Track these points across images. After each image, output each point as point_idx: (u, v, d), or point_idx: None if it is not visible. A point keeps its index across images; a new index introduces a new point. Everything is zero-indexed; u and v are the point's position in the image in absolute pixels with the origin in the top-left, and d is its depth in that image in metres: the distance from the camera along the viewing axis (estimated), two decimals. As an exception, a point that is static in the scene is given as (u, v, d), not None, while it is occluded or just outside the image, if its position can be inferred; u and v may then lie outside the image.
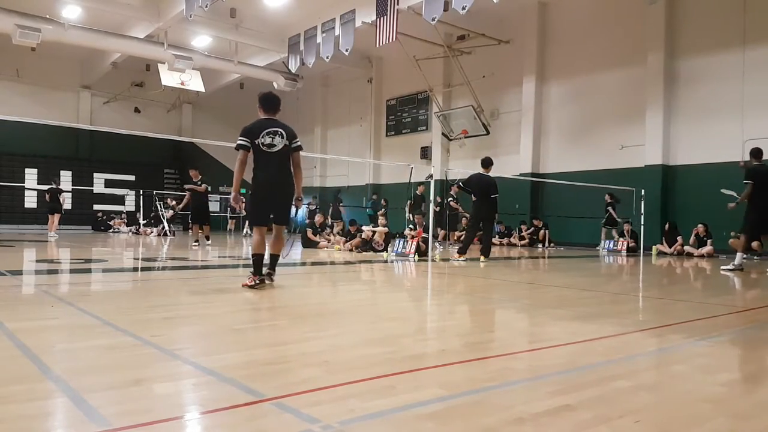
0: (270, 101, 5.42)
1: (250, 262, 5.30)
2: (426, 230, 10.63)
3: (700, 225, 12.95)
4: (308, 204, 22.82)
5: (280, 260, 5.59)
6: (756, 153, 9.17)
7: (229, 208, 25.94)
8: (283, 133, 5.24)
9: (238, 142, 5.20)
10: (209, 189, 12.72)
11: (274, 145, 5.18)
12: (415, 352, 2.83)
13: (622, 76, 15.47)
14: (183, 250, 11.49)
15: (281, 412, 1.85)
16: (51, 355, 2.54)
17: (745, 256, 9.14)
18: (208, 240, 12.68)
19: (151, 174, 24.97)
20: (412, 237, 10.63)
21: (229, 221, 24.96)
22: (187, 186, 13.03)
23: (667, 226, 13.70)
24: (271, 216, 5.35)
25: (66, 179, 22.26)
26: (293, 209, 5.54)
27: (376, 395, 2.05)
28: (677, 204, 14.41)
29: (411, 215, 15.06)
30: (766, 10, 12.92)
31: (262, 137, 5.17)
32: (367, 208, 18.79)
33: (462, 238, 11.70)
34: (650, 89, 14.58)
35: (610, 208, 14.78)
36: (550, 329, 3.59)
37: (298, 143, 5.36)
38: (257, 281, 5.07)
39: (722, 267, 9.10)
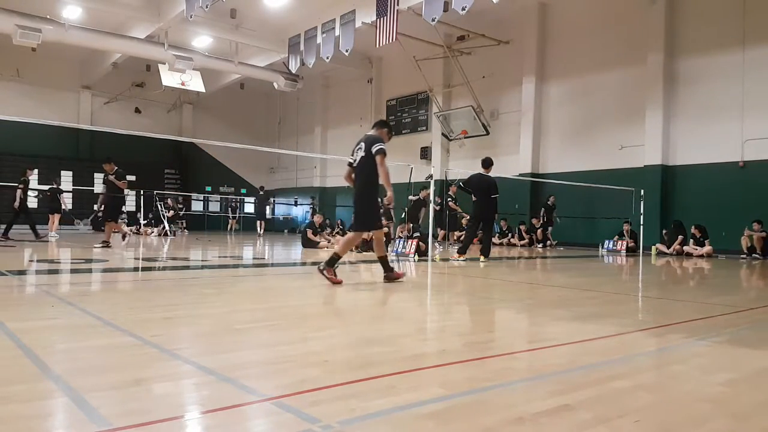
0: (377, 122, 6.15)
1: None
2: (425, 231, 10.64)
3: (693, 227, 12.98)
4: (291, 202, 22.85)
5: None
6: None
7: (229, 209, 25.99)
8: (363, 145, 5.72)
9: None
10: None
11: (356, 159, 5.76)
12: (415, 352, 2.83)
13: (621, 76, 15.48)
14: (183, 250, 11.49)
15: (281, 412, 1.85)
16: (51, 355, 2.54)
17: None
18: (105, 243, 10.75)
19: (152, 174, 24.97)
20: (412, 238, 10.64)
21: (230, 221, 24.99)
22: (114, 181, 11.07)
23: (672, 224, 13.71)
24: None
25: (66, 179, 22.27)
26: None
27: (376, 395, 2.05)
28: (676, 204, 14.42)
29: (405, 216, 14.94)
30: (766, 10, 12.93)
31: (352, 154, 5.84)
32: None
33: (462, 238, 11.70)
34: (650, 89, 14.59)
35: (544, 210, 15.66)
36: (550, 329, 3.59)
37: (377, 147, 5.67)
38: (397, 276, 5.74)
39: None
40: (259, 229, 20.03)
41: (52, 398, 1.97)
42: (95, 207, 19.13)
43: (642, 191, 13.39)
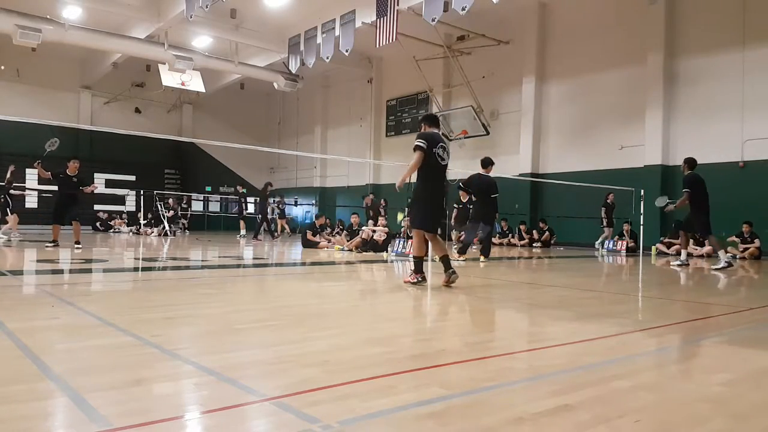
0: (435, 119, 5.96)
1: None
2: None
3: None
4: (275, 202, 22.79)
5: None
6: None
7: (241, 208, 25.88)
8: (449, 150, 5.71)
9: (419, 143, 5.48)
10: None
11: (444, 159, 5.61)
12: (415, 352, 2.83)
13: (622, 76, 15.47)
14: (184, 250, 11.49)
15: (281, 412, 1.85)
16: (51, 355, 2.54)
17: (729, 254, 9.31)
18: (78, 244, 10.12)
19: (152, 174, 24.98)
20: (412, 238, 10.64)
21: (241, 222, 24.90)
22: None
23: (673, 225, 13.70)
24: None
25: (66, 179, 22.22)
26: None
27: (376, 395, 2.05)
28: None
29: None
30: (766, 10, 12.92)
31: (438, 148, 5.52)
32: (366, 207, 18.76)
33: (462, 238, 11.69)
34: (650, 89, 14.58)
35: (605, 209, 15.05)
36: (550, 329, 3.59)
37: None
38: (419, 278, 5.55)
39: (712, 267, 9.18)
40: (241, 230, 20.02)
41: (52, 398, 1.97)
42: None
43: (642, 191, 13.38)
